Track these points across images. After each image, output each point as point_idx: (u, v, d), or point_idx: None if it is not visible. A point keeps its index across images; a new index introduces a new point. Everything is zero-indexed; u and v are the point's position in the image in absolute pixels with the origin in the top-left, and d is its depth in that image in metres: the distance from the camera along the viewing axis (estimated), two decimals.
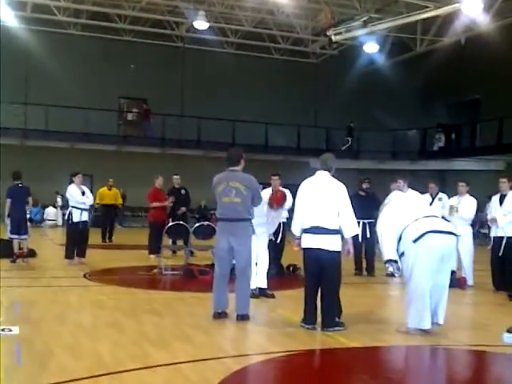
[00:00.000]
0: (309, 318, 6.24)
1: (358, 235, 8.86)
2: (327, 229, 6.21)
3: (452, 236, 6.18)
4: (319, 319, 6.24)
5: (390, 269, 6.43)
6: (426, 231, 6.02)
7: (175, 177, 13.75)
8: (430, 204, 12.32)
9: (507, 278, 8.98)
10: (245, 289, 6.67)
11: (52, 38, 25.53)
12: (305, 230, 6.35)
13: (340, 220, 6.25)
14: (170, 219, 12.41)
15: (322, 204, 6.28)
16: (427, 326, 6.04)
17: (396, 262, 6.25)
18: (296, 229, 6.50)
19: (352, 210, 6.35)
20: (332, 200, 6.28)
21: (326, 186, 6.39)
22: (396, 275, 10.99)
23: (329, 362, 5.42)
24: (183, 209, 13.30)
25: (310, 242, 6.28)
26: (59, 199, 23.72)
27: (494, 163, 23.86)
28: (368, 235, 10.79)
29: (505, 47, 22.25)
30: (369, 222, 10.64)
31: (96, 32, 26.26)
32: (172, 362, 4.84)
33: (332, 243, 6.21)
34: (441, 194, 12.00)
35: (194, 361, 4.92)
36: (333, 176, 6.50)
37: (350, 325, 6.44)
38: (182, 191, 13.59)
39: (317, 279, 6.27)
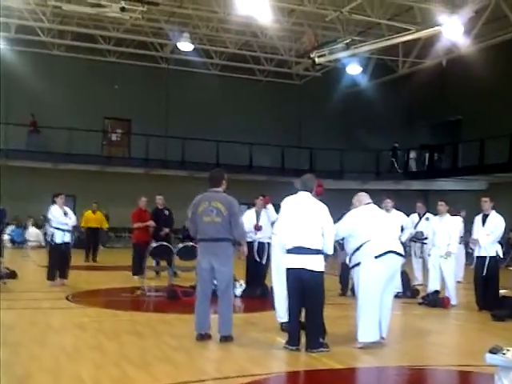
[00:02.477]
0: (292, 339, 6.21)
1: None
2: (310, 249, 6.23)
3: (401, 257, 6.73)
4: (303, 340, 6.21)
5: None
6: (389, 250, 6.52)
7: (158, 197, 13.68)
8: (417, 224, 12.45)
9: (490, 298, 9.03)
10: (227, 309, 6.64)
11: (36, 59, 25.50)
12: (288, 251, 6.37)
13: (325, 239, 6.30)
14: (154, 240, 12.34)
15: (304, 224, 6.31)
16: (375, 338, 6.45)
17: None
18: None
19: (333, 229, 6.46)
20: (314, 220, 6.32)
21: (308, 207, 6.43)
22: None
23: None
24: (166, 230, 13.20)
25: (293, 262, 6.28)
26: (41, 218, 23.52)
27: (477, 183, 24.08)
28: None
29: (485, 69, 22.59)
30: None
31: (80, 53, 26.28)
32: None
33: (315, 263, 6.22)
34: (428, 214, 12.08)
35: (175, 383, 4.86)
36: (314, 196, 6.59)
37: (334, 346, 6.42)
38: (166, 212, 13.51)
39: (300, 300, 6.26)
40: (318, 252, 6.26)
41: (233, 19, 22.72)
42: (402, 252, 6.78)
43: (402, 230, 10.76)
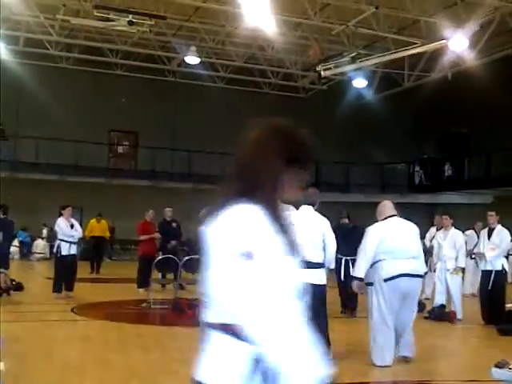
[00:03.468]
0: None
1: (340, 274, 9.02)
2: (312, 263, 6.21)
3: (419, 279, 6.42)
4: None
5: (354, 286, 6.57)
6: (399, 274, 6.15)
7: (167, 209, 13.70)
8: (433, 237, 12.18)
9: (496, 312, 9.00)
10: None
11: (44, 72, 25.69)
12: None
13: (326, 253, 6.40)
14: (161, 252, 12.35)
15: (306, 239, 6.24)
16: (388, 362, 6.17)
17: (361, 280, 6.39)
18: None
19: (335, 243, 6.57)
20: (316, 234, 6.39)
21: (310, 221, 6.46)
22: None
23: None
24: (173, 242, 13.20)
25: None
26: (45, 231, 23.63)
27: (482, 197, 24.04)
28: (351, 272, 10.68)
29: (491, 83, 22.61)
30: (351, 259, 10.07)
31: (88, 66, 26.45)
32: None
33: (317, 277, 6.24)
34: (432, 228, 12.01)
35: None
36: (316, 210, 6.61)
37: (337, 360, 6.40)
38: (174, 224, 13.52)
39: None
40: (320, 266, 6.34)
41: (239, 32, 22.87)
42: (420, 272, 6.43)
43: None
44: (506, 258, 9.96)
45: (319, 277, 6.28)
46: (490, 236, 9.46)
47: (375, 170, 27.67)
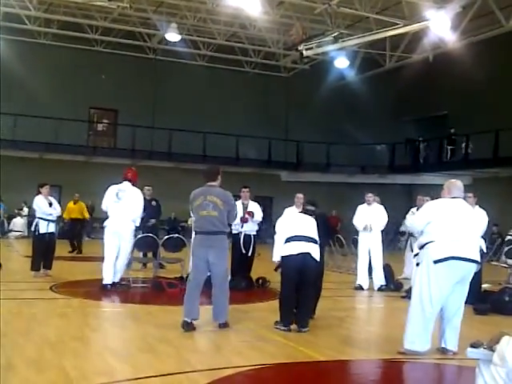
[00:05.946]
0: (285, 319, 6.73)
1: None
2: (310, 237, 6.84)
3: (473, 264, 5.86)
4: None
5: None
6: (451, 256, 5.69)
7: (147, 188, 13.63)
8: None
9: (473, 292, 9.10)
10: (224, 299, 6.88)
11: (22, 47, 25.26)
12: (287, 240, 6.85)
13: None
14: (140, 231, 12.29)
15: (303, 224, 7.00)
16: (422, 348, 5.81)
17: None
18: (277, 256, 7.03)
19: None
20: (311, 223, 7.04)
21: (305, 218, 7.17)
22: (364, 288, 11.15)
23: (297, 376, 5.41)
24: (153, 221, 13.16)
25: (294, 248, 6.76)
26: (25, 209, 23.39)
27: (461, 178, 24.18)
28: None
29: (472, 64, 22.73)
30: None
31: (67, 42, 26.06)
32: (138, 376, 4.79)
33: (314, 250, 6.83)
34: (413, 209, 12.14)
35: (160, 375, 4.87)
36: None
37: (318, 338, 6.47)
38: (153, 203, 13.46)
39: (296, 285, 6.79)
40: (315, 241, 6.86)
41: (221, 10, 22.66)
42: (476, 257, 5.88)
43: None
44: (484, 239, 10.06)
45: (317, 250, 6.85)
46: None
47: (356, 151, 27.76)
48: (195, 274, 6.88)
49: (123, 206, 9.81)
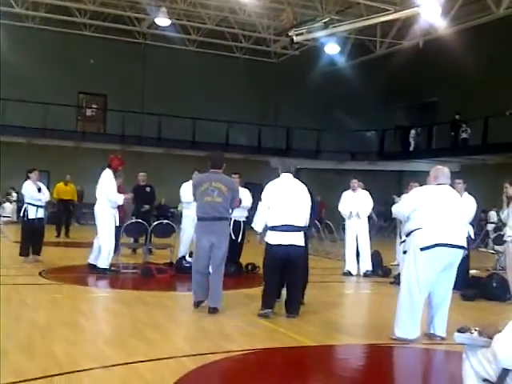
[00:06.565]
0: (268, 302, 6.73)
1: None
2: (296, 226, 6.74)
3: (459, 250, 5.85)
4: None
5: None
6: (437, 243, 5.69)
7: (141, 174, 13.69)
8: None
9: (460, 278, 9.19)
10: (218, 283, 7.00)
11: (10, 31, 24.98)
12: (274, 228, 6.74)
13: (306, 217, 6.89)
14: (134, 217, 12.31)
15: (290, 204, 6.79)
16: (412, 335, 5.85)
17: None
18: (259, 226, 7.01)
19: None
20: (299, 200, 6.84)
21: (293, 188, 6.93)
22: (353, 274, 11.22)
23: (286, 361, 5.46)
24: (146, 206, 13.18)
25: (280, 238, 6.70)
26: (14, 194, 23.27)
27: (450, 165, 24.27)
28: None
29: (462, 51, 22.73)
30: None
31: (55, 26, 25.81)
32: (128, 361, 4.81)
33: (301, 239, 6.79)
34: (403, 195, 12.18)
35: (150, 360, 4.89)
36: (295, 177, 6.99)
37: (307, 324, 6.52)
38: (147, 188, 13.49)
39: (281, 273, 6.82)
40: (302, 229, 6.81)
41: None
42: (462, 243, 5.86)
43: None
44: (472, 225, 10.14)
45: (302, 239, 6.81)
46: None
47: (346, 137, 27.78)
48: (199, 260, 7.08)
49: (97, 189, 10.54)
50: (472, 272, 10.02)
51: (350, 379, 4.89)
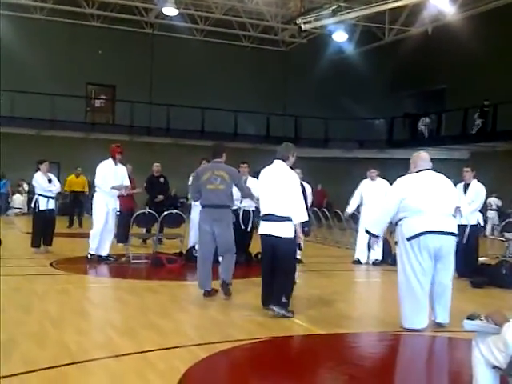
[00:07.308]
0: (264, 300, 6.46)
1: None
2: (278, 216, 6.29)
3: (450, 236, 5.81)
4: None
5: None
6: (421, 232, 5.67)
7: (156, 164, 13.78)
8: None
9: (469, 265, 9.19)
10: (230, 261, 7.24)
11: (18, 23, 25.01)
12: (261, 218, 6.58)
13: (290, 207, 6.30)
14: (147, 207, 12.39)
15: (273, 192, 6.40)
16: (421, 325, 5.85)
17: (377, 237, 6.15)
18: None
19: (302, 197, 6.49)
20: (283, 188, 6.33)
21: (279, 175, 6.45)
22: (362, 262, 11.23)
23: (295, 349, 5.49)
24: (160, 197, 13.25)
25: (264, 228, 6.45)
26: (25, 186, 23.42)
27: (459, 152, 24.22)
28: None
29: (471, 38, 22.55)
30: None
31: (63, 17, 25.79)
32: (138, 350, 4.86)
33: (283, 230, 6.28)
34: None
35: (160, 349, 4.94)
36: (289, 166, 6.55)
37: (316, 312, 6.54)
38: (161, 179, 13.57)
39: (271, 264, 6.42)
40: (286, 219, 6.28)
41: None
42: (450, 229, 5.80)
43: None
44: (482, 212, 10.11)
45: (286, 229, 6.29)
46: (465, 191, 9.58)
47: (354, 125, 27.65)
48: (202, 247, 7.28)
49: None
50: (481, 259, 10.01)
51: (359, 367, 4.90)
